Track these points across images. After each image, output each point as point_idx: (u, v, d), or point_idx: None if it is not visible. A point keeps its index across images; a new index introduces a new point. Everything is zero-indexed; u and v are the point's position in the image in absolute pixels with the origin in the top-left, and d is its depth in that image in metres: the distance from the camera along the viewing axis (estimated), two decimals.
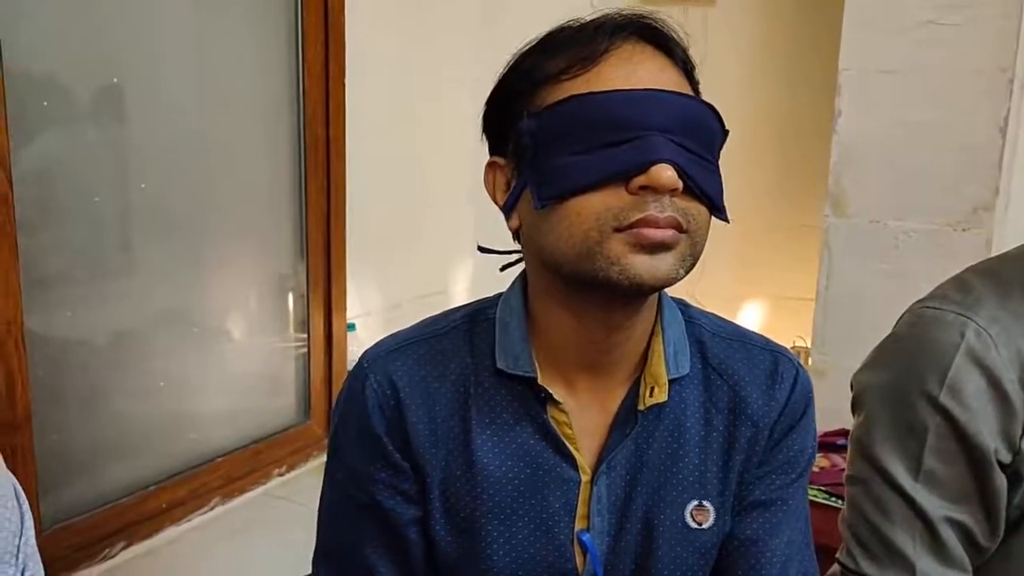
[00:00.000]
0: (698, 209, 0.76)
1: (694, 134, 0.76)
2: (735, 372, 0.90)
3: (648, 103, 0.75)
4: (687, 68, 0.81)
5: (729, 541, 0.90)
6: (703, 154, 0.76)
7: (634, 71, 0.76)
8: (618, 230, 0.74)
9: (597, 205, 0.74)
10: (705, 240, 0.79)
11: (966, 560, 0.96)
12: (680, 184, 0.73)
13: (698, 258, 0.78)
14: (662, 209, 0.73)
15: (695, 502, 0.87)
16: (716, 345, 0.91)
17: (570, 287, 0.80)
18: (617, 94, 0.75)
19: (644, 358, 0.87)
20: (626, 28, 0.78)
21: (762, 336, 0.94)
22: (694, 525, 0.87)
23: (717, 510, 0.88)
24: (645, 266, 0.74)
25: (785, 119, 2.92)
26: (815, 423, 0.94)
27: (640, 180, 0.73)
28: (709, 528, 0.88)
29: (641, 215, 0.73)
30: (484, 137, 0.87)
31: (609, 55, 0.76)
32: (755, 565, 0.89)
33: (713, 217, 0.80)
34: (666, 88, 0.76)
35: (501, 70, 0.84)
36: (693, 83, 0.82)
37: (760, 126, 2.91)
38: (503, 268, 0.93)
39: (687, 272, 0.77)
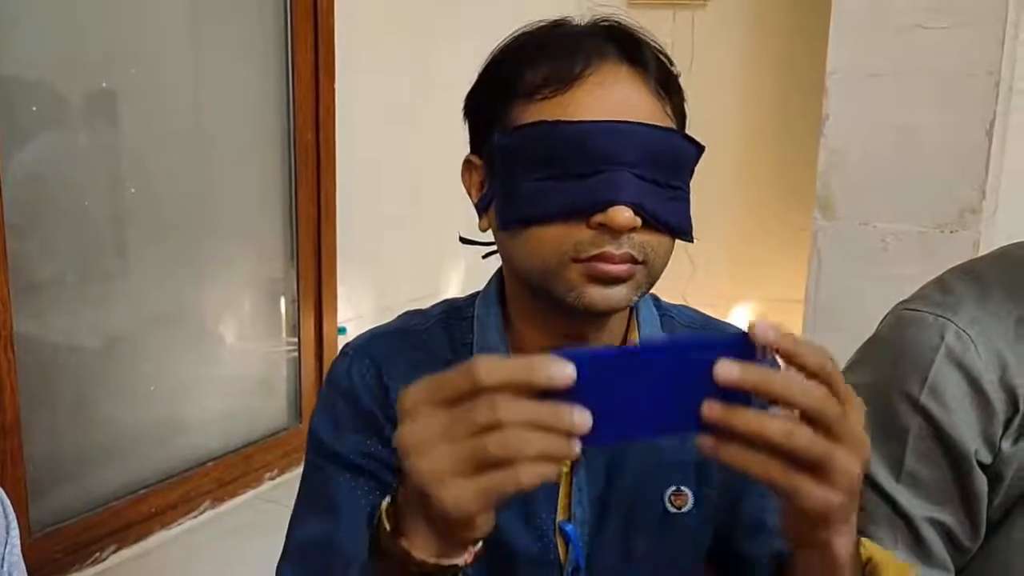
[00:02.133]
0: (658, 240, 0.78)
1: (661, 164, 0.77)
2: None
3: (616, 136, 0.76)
4: (666, 88, 0.81)
5: (734, 527, 0.91)
6: (670, 182, 0.78)
7: (607, 96, 0.77)
8: (576, 260, 0.76)
9: (557, 235, 0.76)
10: (665, 263, 0.81)
11: (948, 560, 0.96)
12: (638, 222, 0.75)
13: (656, 280, 0.81)
14: (619, 246, 0.75)
15: (673, 487, 0.89)
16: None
17: (537, 298, 0.83)
18: (586, 125, 0.75)
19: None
20: (605, 48, 0.79)
21: (731, 324, 0.97)
22: (673, 510, 0.89)
23: (695, 493, 0.90)
24: (599, 295, 0.77)
25: (774, 122, 2.93)
26: None
27: (598, 218, 0.74)
28: (688, 512, 0.89)
29: (598, 251, 0.75)
30: (465, 123, 0.88)
31: (584, 79, 0.77)
32: (765, 539, 0.89)
33: (692, 220, 0.81)
34: (637, 119, 0.77)
35: (484, 63, 0.85)
36: (673, 101, 0.82)
37: (749, 129, 2.91)
38: (486, 256, 0.95)
39: (641, 296, 0.81)
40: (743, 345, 0.58)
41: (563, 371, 0.56)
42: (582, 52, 0.78)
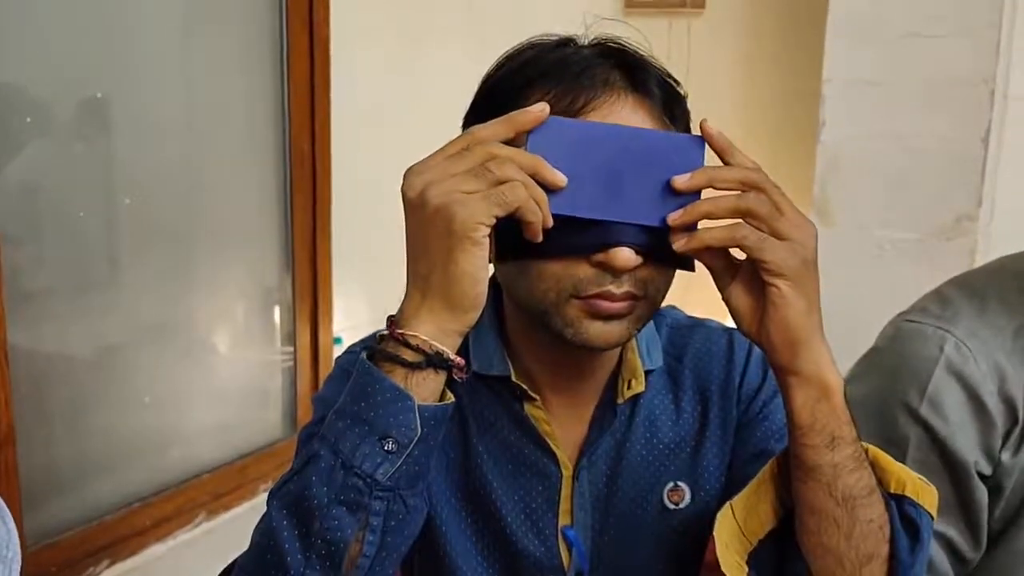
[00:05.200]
0: (659, 274, 0.78)
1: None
2: (696, 354, 0.94)
3: None
4: (672, 114, 0.81)
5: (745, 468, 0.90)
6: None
7: None
8: (575, 297, 0.76)
9: (557, 271, 0.75)
10: (665, 294, 0.81)
11: (951, 573, 0.96)
12: (639, 261, 0.74)
13: (656, 311, 0.81)
14: (619, 285, 0.75)
15: (671, 484, 0.90)
16: (677, 335, 0.95)
17: (534, 326, 0.82)
18: None
19: (619, 356, 0.90)
20: (611, 76, 0.78)
21: (718, 321, 0.98)
22: (671, 506, 0.90)
23: (691, 488, 0.90)
24: (598, 331, 0.77)
25: (771, 128, 2.93)
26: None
27: (600, 258, 0.74)
28: (686, 507, 0.90)
29: (599, 290, 0.75)
30: None
31: (588, 111, 0.76)
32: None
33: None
34: None
35: (485, 76, 0.84)
36: (679, 128, 0.81)
37: (745, 136, 2.92)
38: None
39: (641, 328, 0.81)
40: (695, 141, 0.72)
41: (538, 108, 0.70)
42: (587, 80, 0.77)
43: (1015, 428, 0.94)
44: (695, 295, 0.99)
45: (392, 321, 0.72)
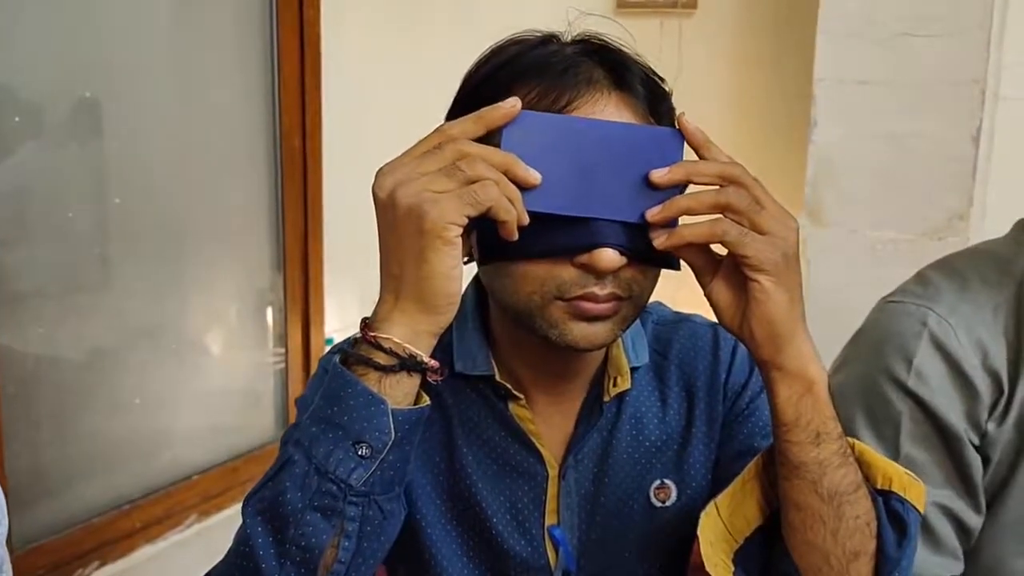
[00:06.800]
0: (644, 274, 0.77)
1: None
2: (682, 350, 0.93)
3: None
4: (657, 112, 0.80)
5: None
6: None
7: None
8: (559, 299, 0.75)
9: (540, 273, 0.75)
10: (650, 294, 0.80)
11: (959, 548, 0.98)
12: (623, 261, 0.74)
13: (641, 310, 0.81)
14: (604, 287, 0.75)
15: (657, 481, 0.90)
16: (662, 331, 0.95)
17: (519, 327, 0.81)
18: None
19: (604, 353, 0.89)
20: (594, 74, 0.77)
21: (702, 316, 0.97)
22: (658, 504, 0.90)
23: (678, 485, 0.90)
24: (582, 332, 0.76)
25: (762, 129, 2.93)
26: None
27: (583, 259, 0.73)
28: (672, 505, 0.90)
29: (582, 291, 0.74)
30: None
31: (572, 110, 0.75)
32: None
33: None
34: None
35: (467, 73, 0.83)
36: (662, 122, 0.81)
37: (737, 136, 2.92)
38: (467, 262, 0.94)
39: (626, 329, 0.80)
40: (673, 135, 0.72)
41: (509, 103, 0.69)
42: (570, 79, 0.76)
43: (1000, 399, 0.96)
44: (686, 294, 0.99)
45: (365, 323, 0.71)
